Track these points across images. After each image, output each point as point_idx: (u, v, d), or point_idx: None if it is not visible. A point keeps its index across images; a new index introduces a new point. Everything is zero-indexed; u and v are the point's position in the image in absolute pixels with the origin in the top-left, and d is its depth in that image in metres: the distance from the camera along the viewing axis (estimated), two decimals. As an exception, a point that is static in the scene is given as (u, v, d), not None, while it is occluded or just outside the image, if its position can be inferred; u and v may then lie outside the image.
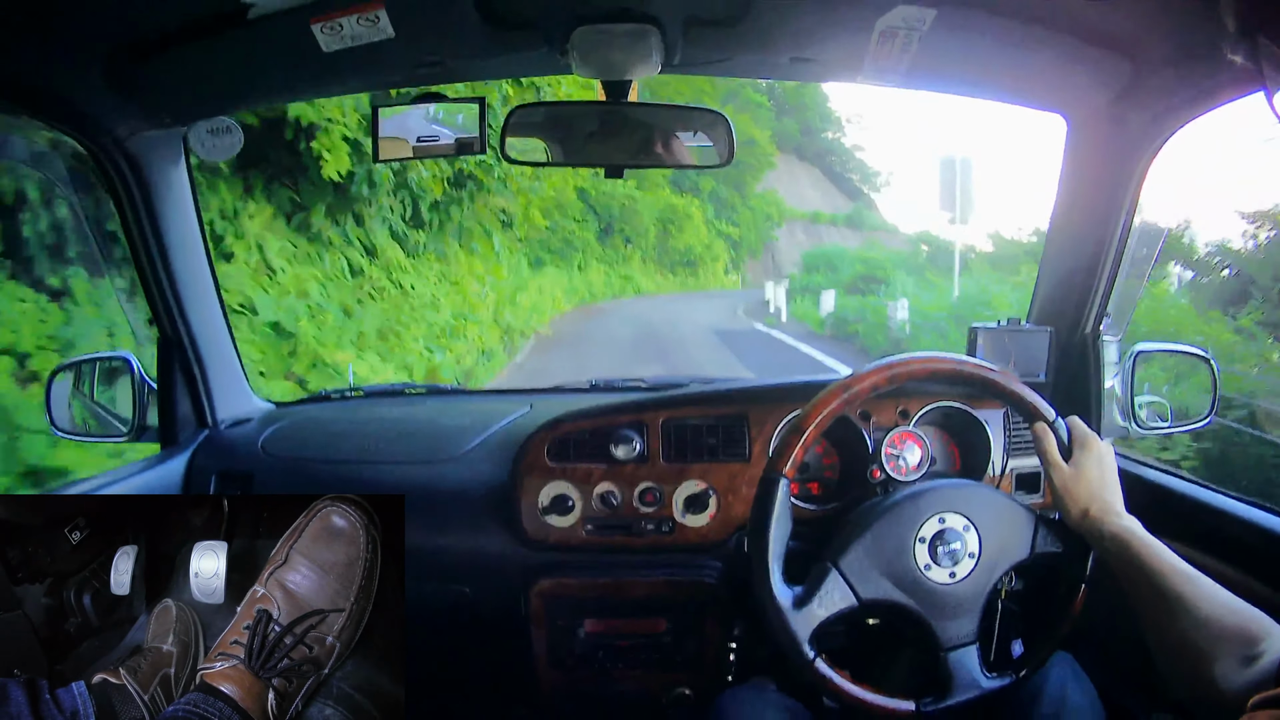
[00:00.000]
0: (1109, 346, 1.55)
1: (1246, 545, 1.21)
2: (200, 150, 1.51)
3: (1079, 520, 1.09)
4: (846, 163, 55.14)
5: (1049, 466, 1.13)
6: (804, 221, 44.44)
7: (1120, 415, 1.56)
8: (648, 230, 27.69)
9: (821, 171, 51.61)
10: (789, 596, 1.08)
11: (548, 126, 1.47)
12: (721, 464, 1.47)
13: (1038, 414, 1.15)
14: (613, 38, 1.24)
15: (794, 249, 40.29)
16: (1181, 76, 1.20)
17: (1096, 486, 1.09)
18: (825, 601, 1.09)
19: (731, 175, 34.06)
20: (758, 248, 39.23)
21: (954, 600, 1.11)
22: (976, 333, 1.53)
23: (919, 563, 1.11)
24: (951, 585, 1.11)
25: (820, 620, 1.08)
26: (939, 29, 1.19)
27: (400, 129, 1.44)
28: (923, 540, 1.11)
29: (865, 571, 1.10)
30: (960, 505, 1.13)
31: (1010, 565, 1.14)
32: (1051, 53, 1.26)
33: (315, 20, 1.18)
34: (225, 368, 1.74)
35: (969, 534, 1.12)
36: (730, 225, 36.35)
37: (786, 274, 32.58)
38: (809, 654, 1.08)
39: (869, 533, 1.12)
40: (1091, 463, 1.11)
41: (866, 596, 1.10)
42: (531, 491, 1.47)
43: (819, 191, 49.20)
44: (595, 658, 1.50)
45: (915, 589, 1.11)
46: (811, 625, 1.08)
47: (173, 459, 1.61)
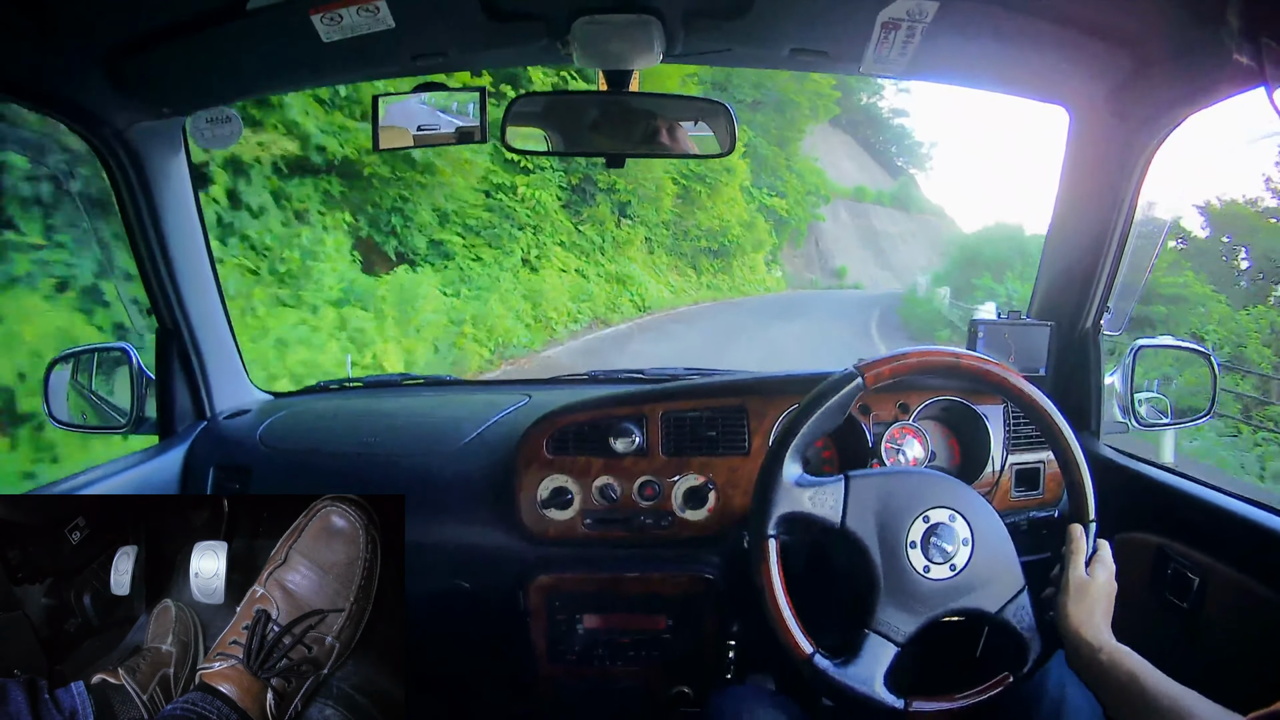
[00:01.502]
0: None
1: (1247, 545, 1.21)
2: (200, 140, 1.50)
3: (1071, 629, 1.05)
4: (884, 132, 48.59)
5: (1067, 571, 1.08)
6: (847, 200, 36.97)
7: (1120, 411, 1.56)
8: (658, 197, 17.08)
9: (857, 142, 44.56)
10: (793, 475, 1.10)
11: (549, 115, 1.47)
12: (721, 457, 1.47)
13: (1081, 512, 1.12)
14: (613, 28, 1.24)
15: (841, 234, 34.41)
16: (1184, 70, 1.20)
17: (1099, 603, 1.06)
18: (817, 500, 1.10)
19: (773, 126, 25.68)
20: (801, 229, 29.60)
21: (916, 592, 1.10)
22: (977, 326, 1.53)
23: (907, 538, 1.10)
24: (921, 577, 1.10)
25: (799, 510, 1.10)
26: (941, 21, 1.18)
27: (401, 118, 1.43)
28: (925, 520, 1.11)
29: (864, 506, 1.11)
30: (970, 514, 1.12)
31: (975, 606, 1.11)
32: (1054, 45, 1.25)
33: (315, 10, 1.17)
34: (224, 359, 1.74)
35: (964, 548, 1.11)
36: (774, 196, 26.13)
37: (835, 267, 29.03)
38: (769, 529, 1.10)
39: (891, 479, 1.13)
40: (1103, 578, 1.07)
41: (850, 525, 1.10)
42: (530, 484, 1.47)
43: (856, 164, 41.87)
44: (594, 653, 1.50)
45: (891, 557, 1.10)
46: (791, 507, 1.10)
47: (171, 450, 1.61)
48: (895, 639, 1.09)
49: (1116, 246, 1.47)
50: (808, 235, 30.88)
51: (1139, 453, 1.52)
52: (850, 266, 32.98)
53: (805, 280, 29.20)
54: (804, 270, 29.98)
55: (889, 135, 49.32)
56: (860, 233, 37.16)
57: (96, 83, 1.30)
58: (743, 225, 22.42)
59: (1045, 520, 1.47)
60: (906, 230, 40.83)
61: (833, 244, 33.30)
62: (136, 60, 1.26)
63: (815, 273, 30.90)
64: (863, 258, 35.53)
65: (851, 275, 33.32)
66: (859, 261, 34.83)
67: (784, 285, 26.71)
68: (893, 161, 48.69)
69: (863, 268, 34.73)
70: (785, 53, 1.39)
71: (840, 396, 1.12)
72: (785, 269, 28.23)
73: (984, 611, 1.10)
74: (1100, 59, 1.25)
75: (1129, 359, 1.55)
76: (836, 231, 34.10)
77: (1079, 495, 1.12)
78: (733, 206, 21.35)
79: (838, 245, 33.62)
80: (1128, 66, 1.24)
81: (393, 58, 1.38)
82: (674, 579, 1.47)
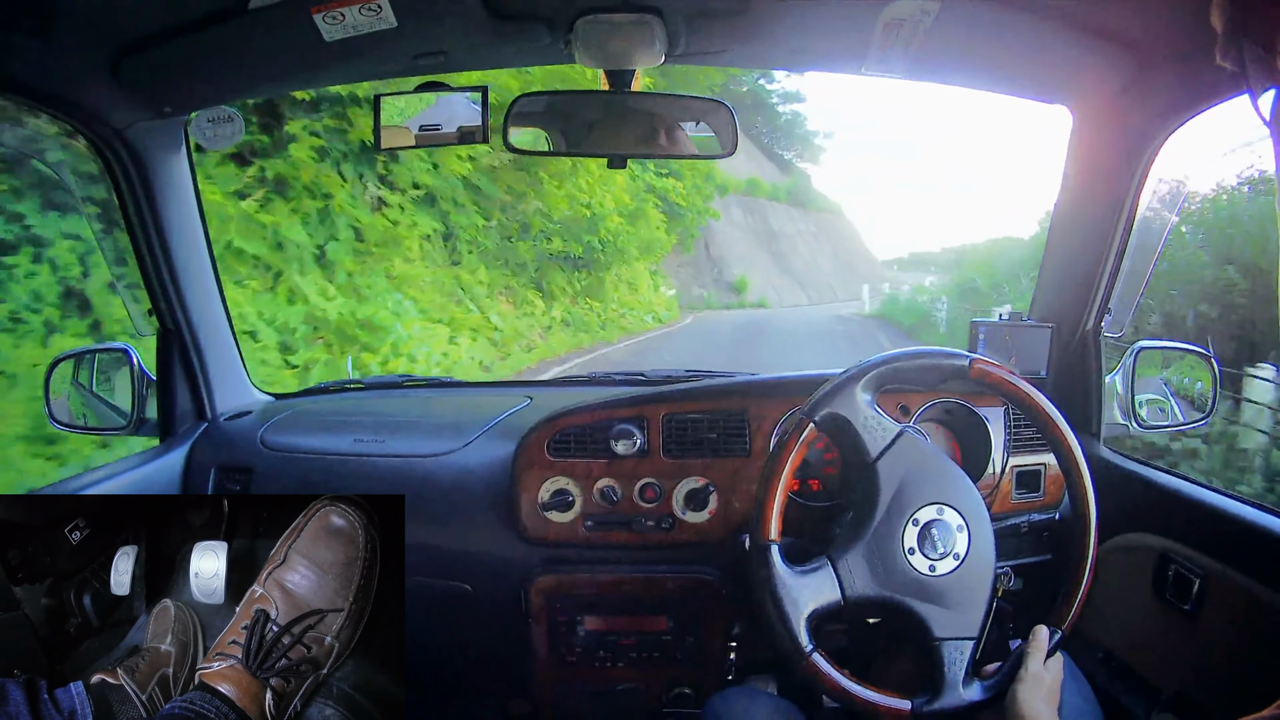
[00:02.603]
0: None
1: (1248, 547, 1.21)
2: (201, 139, 1.51)
3: (1024, 716, 1.03)
4: (774, 120, 42.89)
5: (1028, 660, 1.07)
6: (740, 195, 30.77)
7: (1121, 413, 1.56)
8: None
9: (743, 129, 29.75)
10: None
11: (550, 116, 1.46)
12: (722, 460, 1.47)
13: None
14: (615, 27, 1.24)
15: (736, 236, 27.47)
16: (1186, 71, 1.20)
17: (1053, 695, 1.06)
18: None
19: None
20: (694, 230, 22.18)
21: (892, 566, 1.10)
22: (978, 328, 1.53)
23: (911, 515, 1.10)
24: (904, 557, 1.09)
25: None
26: (943, 21, 1.18)
27: (403, 118, 1.43)
28: (915, 523, 1.10)
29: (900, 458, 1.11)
30: (974, 527, 1.11)
31: (925, 620, 1.10)
32: (1056, 46, 1.25)
33: (317, 9, 1.17)
34: (224, 359, 1.74)
35: (953, 561, 1.10)
36: (667, 175, 18.76)
37: (733, 278, 22.58)
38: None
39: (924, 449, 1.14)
40: (1055, 674, 1.07)
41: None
42: (531, 487, 1.47)
43: (745, 154, 32.38)
44: (595, 655, 1.50)
45: (892, 519, 1.10)
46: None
47: (172, 452, 1.61)
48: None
49: (1118, 248, 1.47)
50: (699, 239, 24.12)
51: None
52: (751, 277, 27.77)
53: (695, 297, 22.81)
54: (693, 283, 22.81)
55: (779, 124, 44.26)
56: (756, 234, 31.61)
57: (98, 82, 1.30)
58: (625, 215, 14.45)
59: (1046, 523, 1.47)
60: (805, 230, 36.67)
61: (726, 248, 26.43)
62: (138, 59, 1.26)
63: (707, 286, 24.79)
64: (762, 265, 29.99)
65: (754, 289, 27.82)
66: (759, 269, 29.38)
67: (675, 310, 19.05)
68: (783, 155, 44.19)
69: (763, 277, 29.42)
70: (787, 53, 1.39)
71: (939, 364, 1.13)
72: (670, 282, 21.21)
73: (928, 630, 1.09)
74: (1103, 61, 1.25)
75: (1130, 360, 1.55)
76: (730, 232, 27.52)
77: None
78: (607, 185, 13.24)
79: (732, 250, 27.05)
80: (1131, 68, 1.24)
81: (394, 57, 1.38)
82: (675, 581, 1.47)
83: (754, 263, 29.27)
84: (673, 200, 18.79)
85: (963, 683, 1.07)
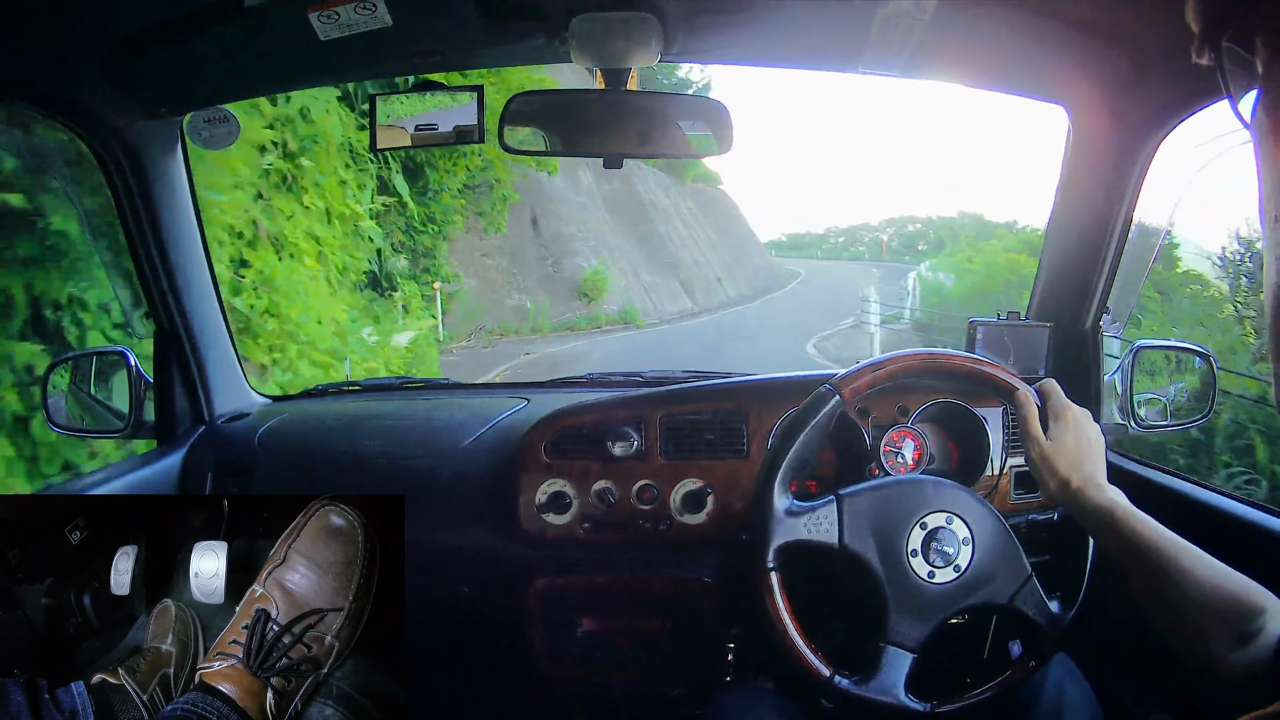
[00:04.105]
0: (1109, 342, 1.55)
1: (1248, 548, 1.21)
2: (197, 140, 1.50)
3: (1059, 493, 1.03)
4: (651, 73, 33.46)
5: (1026, 439, 1.07)
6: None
7: (1119, 412, 1.56)
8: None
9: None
10: (784, 504, 1.13)
11: (546, 115, 1.46)
12: (720, 461, 1.47)
13: (1009, 386, 1.14)
14: (611, 26, 1.23)
15: (583, 206, 19.06)
16: (1183, 70, 1.20)
17: (1075, 457, 1.03)
18: (811, 525, 1.12)
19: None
20: (501, 208, 13.14)
21: (924, 598, 1.12)
22: (975, 328, 1.53)
23: (907, 546, 1.12)
24: (926, 583, 1.12)
25: (795, 539, 1.12)
26: (940, 19, 1.18)
27: (398, 117, 1.43)
28: (923, 526, 1.13)
29: (860, 522, 1.13)
30: (967, 514, 1.14)
31: (985, 602, 1.13)
32: (1053, 44, 1.25)
33: (312, 9, 1.17)
34: (222, 362, 1.73)
35: (965, 548, 1.13)
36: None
37: (579, 274, 15.62)
38: (769, 562, 1.12)
39: (883, 490, 1.15)
40: (1069, 432, 1.05)
41: (849, 543, 1.12)
42: (529, 488, 1.46)
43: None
44: (593, 656, 1.49)
45: (894, 568, 1.12)
46: (788, 536, 1.12)
47: (170, 454, 1.61)
48: (910, 646, 1.11)
49: (1116, 247, 1.47)
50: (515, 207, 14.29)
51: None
52: (609, 272, 18.32)
53: (509, 312, 14.99)
54: (508, 288, 15.12)
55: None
56: (617, 206, 21.71)
57: (93, 82, 1.30)
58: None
59: (1045, 523, 1.47)
60: (681, 204, 27.55)
61: (565, 224, 17.70)
62: (133, 60, 1.26)
63: (533, 289, 15.83)
64: (626, 252, 20.86)
65: (615, 292, 18.39)
66: (621, 259, 20.04)
67: (431, 348, 9.90)
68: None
69: (629, 271, 20.18)
70: (783, 51, 1.39)
71: (820, 417, 1.15)
72: (445, 299, 12.60)
73: (995, 604, 1.12)
74: (1100, 59, 1.25)
75: (1128, 360, 1.55)
76: (574, 202, 18.77)
77: (1001, 381, 1.15)
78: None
79: (578, 229, 18.24)
80: (1128, 67, 1.24)
81: (390, 56, 1.38)
82: (672, 582, 1.47)
83: (614, 249, 20.33)
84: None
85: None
